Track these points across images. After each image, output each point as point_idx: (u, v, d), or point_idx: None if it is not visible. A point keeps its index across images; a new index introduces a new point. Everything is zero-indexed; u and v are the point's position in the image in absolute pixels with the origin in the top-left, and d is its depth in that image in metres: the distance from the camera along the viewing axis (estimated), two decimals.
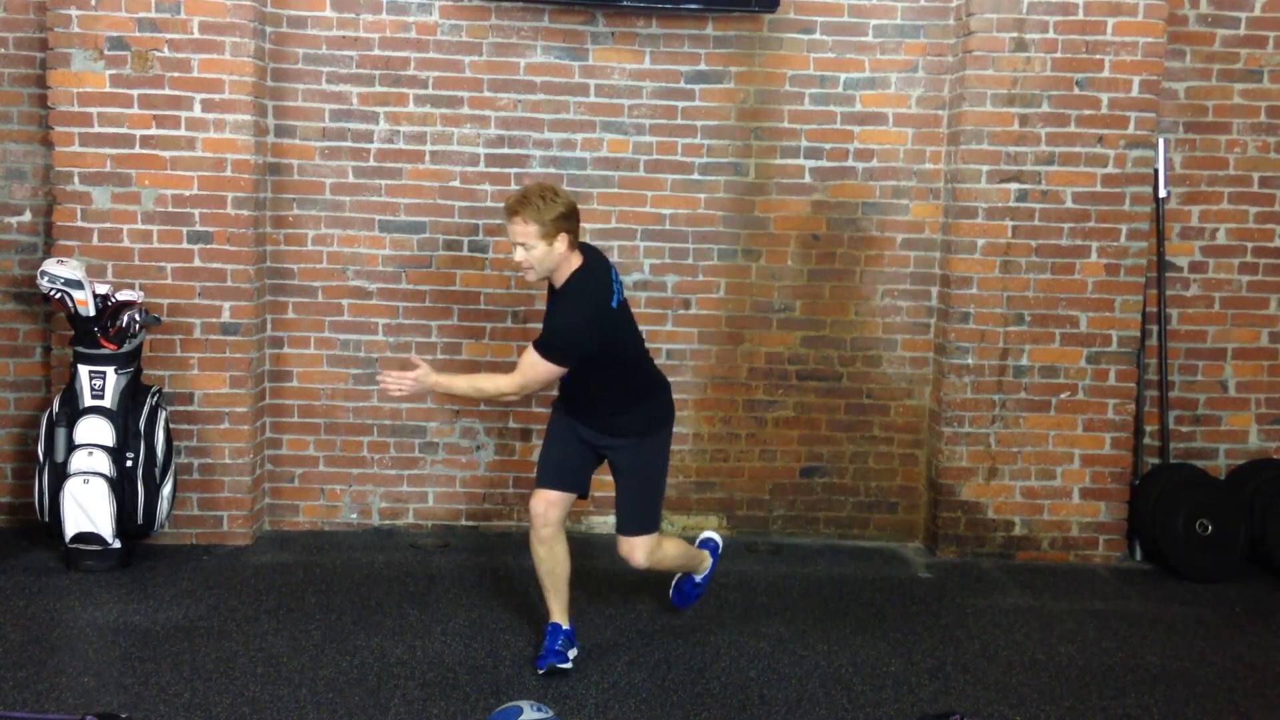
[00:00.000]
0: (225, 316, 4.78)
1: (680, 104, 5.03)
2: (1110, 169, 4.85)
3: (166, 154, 4.69)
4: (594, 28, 4.99)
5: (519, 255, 3.57)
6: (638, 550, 3.73)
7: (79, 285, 4.37)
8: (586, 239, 5.05)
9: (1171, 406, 5.12)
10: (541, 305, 5.04)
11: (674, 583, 4.14)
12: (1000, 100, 4.81)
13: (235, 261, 4.76)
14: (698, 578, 4.10)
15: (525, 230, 3.50)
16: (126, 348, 4.49)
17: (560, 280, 3.64)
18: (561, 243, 3.54)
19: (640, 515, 3.75)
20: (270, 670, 3.62)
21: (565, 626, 3.76)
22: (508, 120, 5.01)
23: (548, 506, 3.72)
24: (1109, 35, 4.78)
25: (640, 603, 4.32)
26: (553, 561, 3.74)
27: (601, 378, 3.65)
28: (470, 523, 5.17)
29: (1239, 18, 5.05)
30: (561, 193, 3.58)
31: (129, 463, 4.46)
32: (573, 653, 3.73)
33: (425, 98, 4.98)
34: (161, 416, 4.59)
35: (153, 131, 4.69)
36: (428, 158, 5.01)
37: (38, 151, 4.94)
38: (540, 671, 3.63)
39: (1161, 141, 4.92)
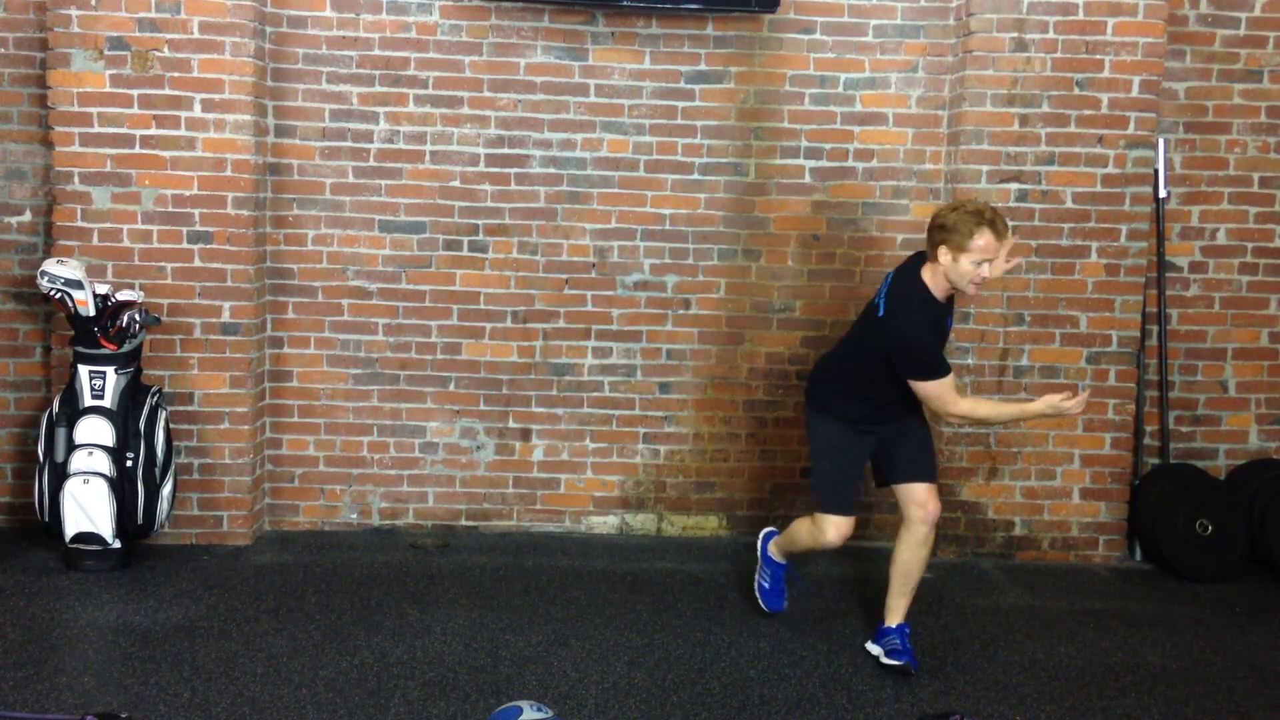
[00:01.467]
0: (225, 316, 4.78)
1: (680, 104, 5.03)
2: (1110, 169, 4.85)
3: (166, 154, 4.70)
4: (594, 28, 4.99)
5: (989, 271, 3.56)
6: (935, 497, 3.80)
7: (79, 285, 4.37)
8: (586, 239, 5.08)
9: (1171, 406, 5.12)
10: (541, 305, 5.08)
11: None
12: (1000, 100, 4.81)
13: (235, 261, 4.76)
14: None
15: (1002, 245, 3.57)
16: (126, 348, 4.49)
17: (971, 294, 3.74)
18: None
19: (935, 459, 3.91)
20: (270, 670, 3.62)
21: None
22: (508, 120, 5.01)
23: (850, 529, 3.85)
24: (1109, 35, 4.78)
25: (640, 603, 4.32)
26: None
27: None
28: (470, 523, 5.17)
29: (1239, 18, 5.05)
30: None
31: (129, 463, 4.46)
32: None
33: (425, 98, 4.98)
34: (161, 416, 4.59)
35: (153, 131, 4.69)
36: (428, 158, 5.01)
37: (38, 151, 4.94)
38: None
39: (1161, 141, 4.92)
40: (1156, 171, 4.91)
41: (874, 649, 3.83)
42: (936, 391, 3.60)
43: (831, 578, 4.69)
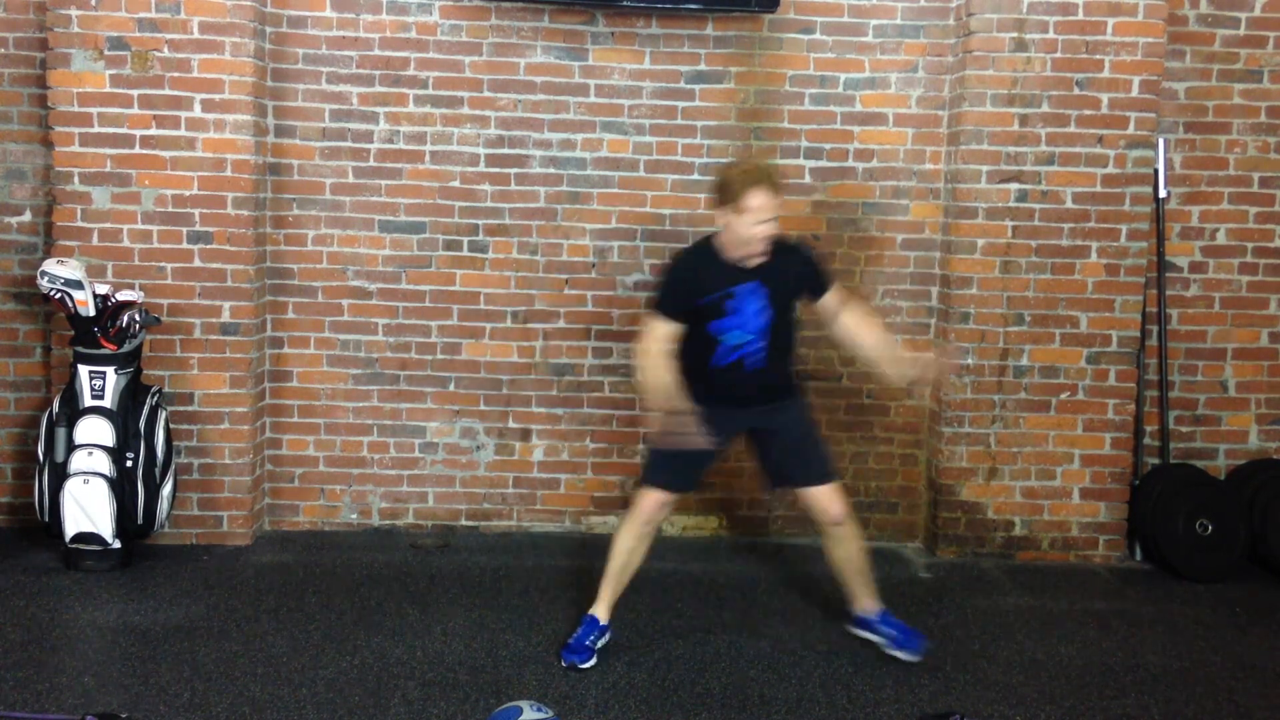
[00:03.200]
0: (225, 316, 4.78)
1: (680, 104, 5.03)
2: (1110, 169, 4.85)
3: (166, 154, 4.70)
4: (594, 28, 4.99)
5: (769, 230, 3.55)
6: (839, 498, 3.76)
7: (79, 285, 4.37)
8: (586, 239, 5.08)
9: (1171, 406, 5.12)
10: (542, 305, 5.07)
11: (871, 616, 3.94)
12: (1000, 100, 4.81)
13: (235, 261, 4.76)
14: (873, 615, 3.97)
15: (780, 204, 3.60)
16: (126, 348, 4.49)
17: (759, 255, 3.63)
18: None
19: (829, 459, 3.86)
20: (270, 670, 3.62)
21: None
22: (508, 120, 5.01)
23: (660, 507, 3.80)
24: (1109, 35, 4.77)
25: (640, 603, 4.32)
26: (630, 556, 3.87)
27: (793, 335, 3.78)
28: (470, 523, 5.17)
29: (1239, 18, 5.05)
30: None
31: (129, 463, 4.46)
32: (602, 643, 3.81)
33: (425, 98, 4.98)
34: (161, 416, 4.59)
35: (153, 131, 4.69)
36: (428, 158, 5.01)
37: (38, 151, 4.94)
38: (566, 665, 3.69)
39: (1161, 141, 4.92)
40: (1156, 171, 4.91)
41: (871, 636, 3.86)
42: (644, 323, 3.72)
43: (831, 579, 4.67)
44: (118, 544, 4.46)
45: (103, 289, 4.47)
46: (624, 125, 5.03)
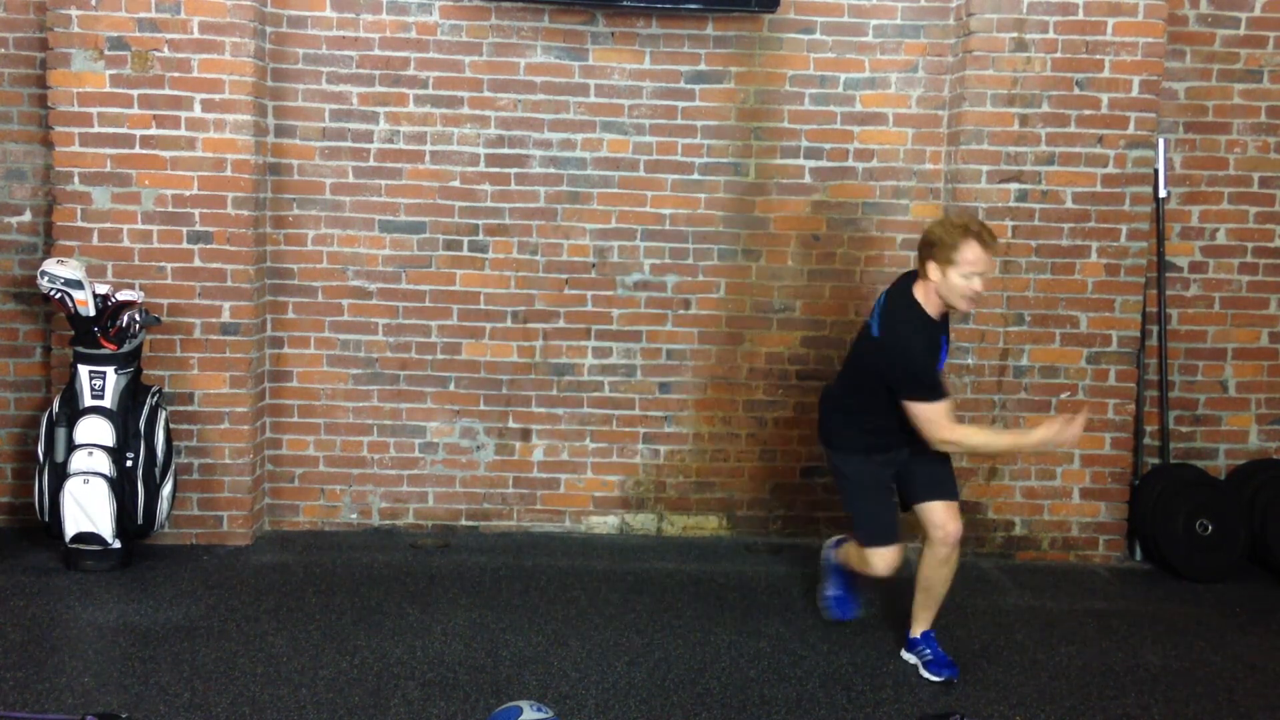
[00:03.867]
0: (225, 316, 4.78)
1: (680, 104, 5.03)
2: (1110, 169, 4.85)
3: (166, 154, 4.70)
4: (594, 28, 4.99)
5: (980, 286, 3.55)
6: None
7: (79, 285, 4.37)
8: (586, 239, 5.08)
9: (1171, 406, 5.12)
10: (541, 305, 5.08)
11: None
12: (1000, 100, 4.81)
13: (235, 261, 4.76)
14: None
15: (993, 262, 3.66)
16: (126, 348, 4.49)
17: (966, 309, 3.71)
18: None
19: (954, 479, 3.84)
20: (270, 670, 3.62)
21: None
22: (508, 120, 5.01)
23: (898, 558, 3.82)
24: (1109, 35, 4.78)
25: (640, 603, 4.32)
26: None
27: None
28: (470, 523, 5.17)
29: (1239, 18, 5.06)
30: None
31: (129, 463, 4.46)
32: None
33: (425, 98, 4.98)
34: (161, 416, 4.59)
35: (153, 131, 4.69)
36: (428, 158, 5.01)
37: (38, 151, 4.94)
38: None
39: (1161, 141, 4.92)
40: (1156, 171, 4.91)
41: (910, 658, 3.84)
42: (930, 415, 3.55)
43: None
44: (118, 544, 4.46)
45: (103, 289, 4.47)
46: (624, 125, 5.03)
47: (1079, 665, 3.86)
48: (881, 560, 3.78)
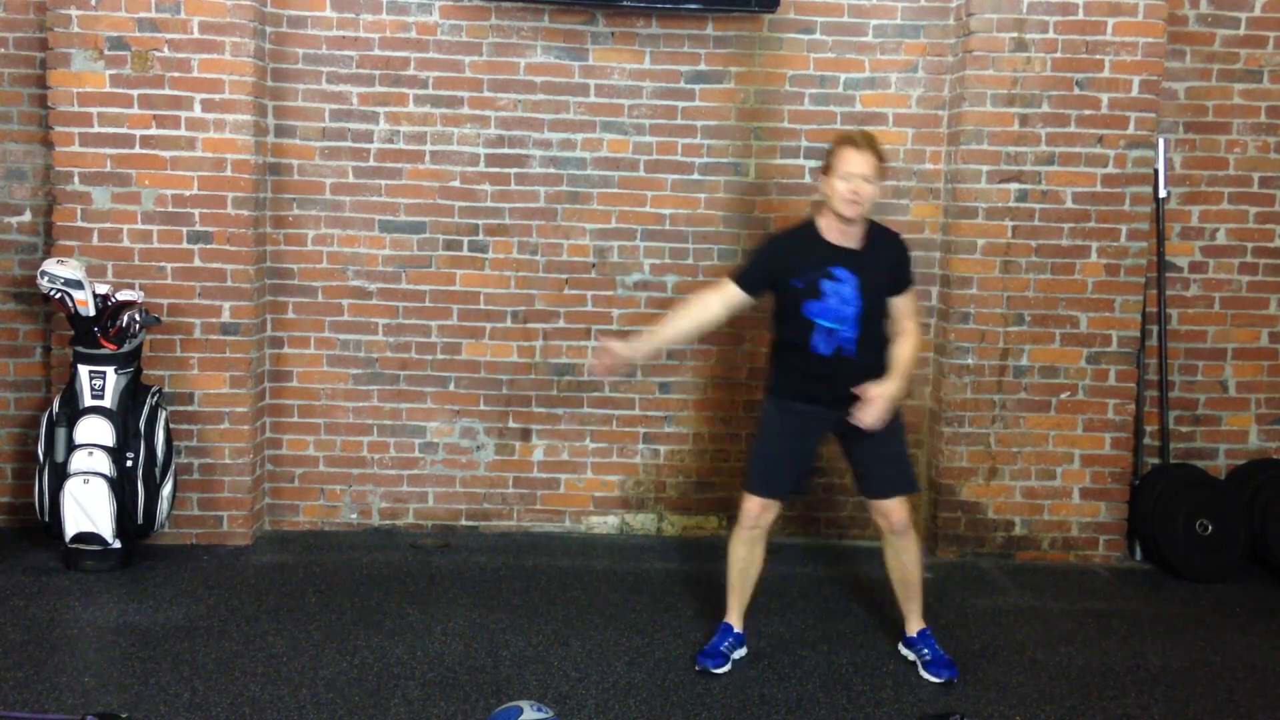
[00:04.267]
0: (225, 316, 4.78)
1: (680, 104, 5.03)
2: (1110, 169, 4.85)
3: (166, 154, 4.70)
4: (594, 28, 4.99)
5: (856, 185, 3.50)
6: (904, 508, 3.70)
7: (79, 285, 4.37)
8: (586, 239, 5.08)
9: (1171, 406, 5.12)
10: (542, 305, 5.07)
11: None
12: (1000, 100, 4.81)
13: (235, 261, 4.76)
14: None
15: (874, 164, 3.53)
16: (126, 348, 4.49)
17: (860, 233, 3.62)
18: (878, 191, 3.60)
19: (908, 470, 3.79)
20: (270, 670, 3.62)
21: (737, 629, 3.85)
22: (508, 120, 5.01)
23: (762, 511, 3.76)
24: (1109, 35, 4.78)
25: (641, 603, 4.32)
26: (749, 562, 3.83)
27: (885, 329, 3.67)
28: (470, 523, 5.17)
29: (1239, 18, 5.05)
30: None
31: (129, 463, 4.46)
32: (738, 654, 3.81)
33: (425, 98, 4.98)
34: (161, 416, 4.59)
35: (153, 131, 4.69)
36: (428, 158, 5.01)
37: (38, 151, 4.94)
38: (699, 669, 3.70)
39: (1161, 141, 4.92)
40: (1156, 171, 4.91)
41: (908, 654, 3.84)
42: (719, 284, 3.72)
43: (831, 578, 4.69)
44: (118, 544, 4.46)
45: (103, 289, 4.47)
46: (624, 125, 5.03)
47: (1079, 665, 3.86)
48: (748, 504, 3.75)
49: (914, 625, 3.84)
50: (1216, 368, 5.19)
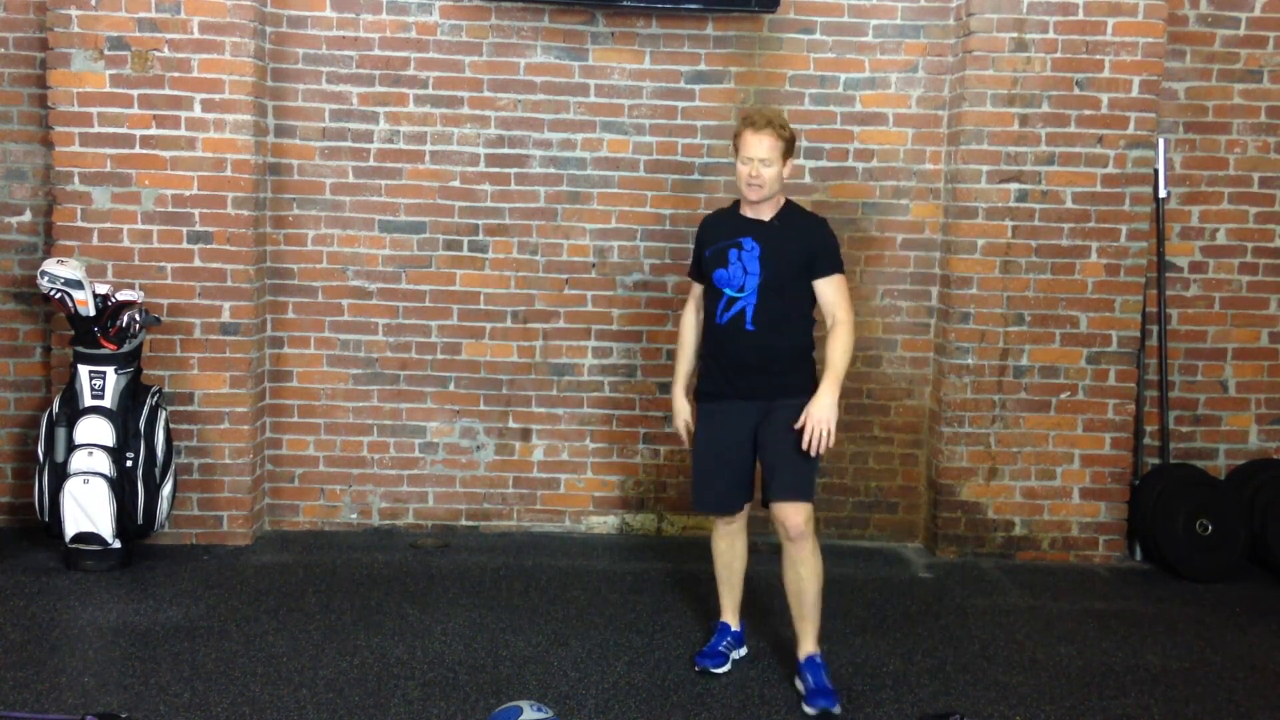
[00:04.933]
0: (225, 316, 4.78)
1: (680, 104, 5.03)
2: (1110, 169, 4.85)
3: (166, 154, 4.70)
4: (594, 28, 4.99)
5: (754, 169, 3.51)
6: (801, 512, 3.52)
7: (79, 285, 4.37)
8: (586, 239, 5.08)
9: (1171, 406, 5.12)
10: (542, 305, 5.07)
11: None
12: (1000, 100, 4.81)
13: (235, 261, 4.76)
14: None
15: (771, 145, 3.50)
16: (126, 348, 4.49)
17: (772, 210, 3.62)
18: (787, 170, 3.58)
19: (807, 478, 3.59)
20: (270, 670, 3.62)
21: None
22: (508, 120, 5.01)
23: (724, 522, 3.78)
24: (1109, 35, 4.78)
25: (640, 602, 4.32)
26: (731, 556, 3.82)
27: (797, 314, 3.65)
28: (470, 523, 5.17)
29: (1239, 18, 5.06)
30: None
31: (129, 463, 4.46)
32: (738, 653, 3.80)
33: (425, 98, 4.98)
34: (161, 416, 4.59)
35: (153, 131, 4.69)
36: (428, 158, 5.01)
37: (38, 151, 4.94)
38: (699, 669, 3.69)
39: (1161, 141, 4.92)
40: (1156, 171, 4.91)
41: (797, 682, 3.59)
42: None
43: (830, 578, 4.67)
44: (118, 544, 4.46)
45: (103, 289, 4.47)
46: (624, 125, 5.03)
47: (1079, 665, 3.86)
48: (716, 527, 3.78)
49: (804, 648, 3.57)
50: (1216, 368, 5.19)
